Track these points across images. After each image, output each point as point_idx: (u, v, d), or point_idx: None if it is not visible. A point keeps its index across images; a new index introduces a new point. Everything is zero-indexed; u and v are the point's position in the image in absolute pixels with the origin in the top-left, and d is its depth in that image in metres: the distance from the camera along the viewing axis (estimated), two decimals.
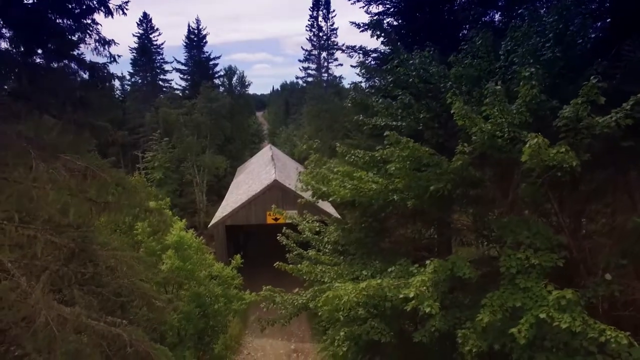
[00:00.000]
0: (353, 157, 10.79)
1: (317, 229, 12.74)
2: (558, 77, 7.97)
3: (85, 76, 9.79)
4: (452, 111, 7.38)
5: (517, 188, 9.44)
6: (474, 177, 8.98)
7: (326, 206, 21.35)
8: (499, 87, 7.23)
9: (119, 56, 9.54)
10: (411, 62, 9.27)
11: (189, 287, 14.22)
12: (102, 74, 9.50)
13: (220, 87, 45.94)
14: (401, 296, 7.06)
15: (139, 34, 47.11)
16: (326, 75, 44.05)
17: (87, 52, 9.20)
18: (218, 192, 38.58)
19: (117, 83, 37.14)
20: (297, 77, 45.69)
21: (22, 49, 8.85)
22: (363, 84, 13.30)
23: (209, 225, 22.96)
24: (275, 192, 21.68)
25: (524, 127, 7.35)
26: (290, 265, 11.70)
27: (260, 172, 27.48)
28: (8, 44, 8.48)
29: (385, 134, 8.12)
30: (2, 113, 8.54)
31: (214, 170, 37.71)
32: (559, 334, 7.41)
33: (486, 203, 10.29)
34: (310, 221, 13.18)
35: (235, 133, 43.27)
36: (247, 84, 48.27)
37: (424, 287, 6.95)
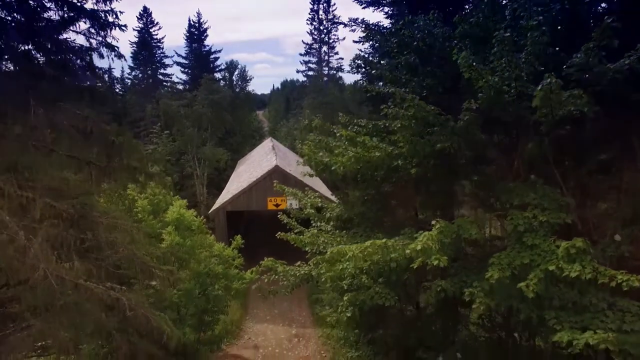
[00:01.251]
0: (356, 127, 10.67)
1: (319, 204, 12.58)
2: (567, 30, 7.84)
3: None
4: (458, 61, 7.23)
5: (522, 155, 9.32)
6: (479, 140, 8.85)
7: (327, 193, 21.24)
8: (508, 34, 7.08)
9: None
10: (415, 24, 9.14)
11: (189, 266, 14.08)
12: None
13: (221, 82, 45.85)
14: (407, 251, 6.91)
15: (139, 28, 47.09)
16: (327, 68, 43.96)
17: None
18: (218, 186, 38.39)
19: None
20: (298, 71, 45.60)
21: None
22: (366, 54, 13.14)
23: (209, 211, 22.83)
24: (276, 178, 21.51)
25: (531, 81, 7.22)
26: (293, 235, 11.55)
27: (261, 160, 27.37)
28: None
29: (389, 92, 7.98)
30: None
31: (214, 162, 37.56)
32: (568, 294, 7.28)
33: (491, 172, 10.16)
34: (312, 197, 13.04)
35: (236, 126, 43.13)
36: (248, 78, 48.26)
37: (431, 241, 6.81)
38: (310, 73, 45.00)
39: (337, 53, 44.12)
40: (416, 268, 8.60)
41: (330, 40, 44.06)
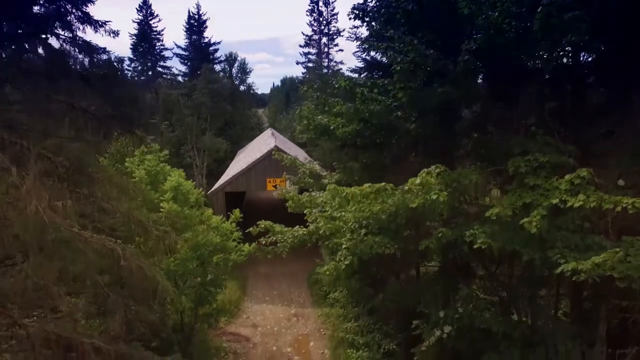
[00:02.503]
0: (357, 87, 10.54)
1: (318, 171, 12.45)
2: None
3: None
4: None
5: (522, 106, 9.21)
6: (479, 92, 8.73)
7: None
8: None
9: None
10: None
11: (187, 236, 13.92)
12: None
13: (221, 74, 45.74)
14: (406, 188, 6.78)
15: (138, 20, 47.07)
16: (327, 60, 43.89)
17: None
18: (218, 177, 38.26)
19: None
20: (297, 62, 45.55)
21: None
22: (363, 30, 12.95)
23: (208, 192, 22.67)
24: (275, 160, 21.38)
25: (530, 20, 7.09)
26: (290, 194, 11.40)
27: (260, 145, 27.27)
28: None
29: (388, 35, 7.86)
30: None
31: (214, 152, 37.45)
32: (570, 237, 7.15)
33: (491, 129, 10.04)
34: (311, 165, 12.89)
35: (235, 118, 43.00)
36: (248, 70, 48.16)
37: (430, 177, 6.68)
38: (310, 65, 44.91)
39: (337, 45, 44.08)
40: (416, 223, 8.49)
41: (330, 32, 44.01)
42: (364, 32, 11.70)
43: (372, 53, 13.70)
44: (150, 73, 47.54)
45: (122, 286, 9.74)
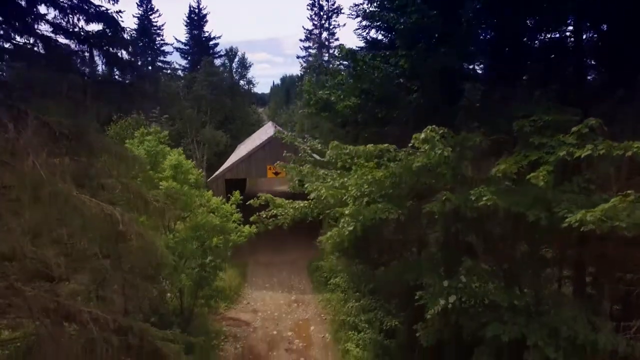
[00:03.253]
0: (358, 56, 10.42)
1: (319, 147, 12.28)
2: None
3: None
4: None
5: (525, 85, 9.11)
6: (481, 52, 8.61)
7: None
8: None
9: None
10: None
11: (187, 217, 13.83)
12: None
13: (221, 68, 45.60)
14: (410, 145, 6.66)
15: (138, 15, 46.99)
16: (327, 54, 43.75)
17: None
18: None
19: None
20: (297, 57, 45.42)
21: None
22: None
23: (208, 180, 22.56)
24: (276, 145, 21.24)
25: None
26: (292, 165, 11.26)
27: (261, 135, 27.16)
28: None
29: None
30: None
31: (214, 146, 37.33)
32: (575, 197, 7.03)
33: (495, 97, 9.91)
34: (312, 142, 12.74)
35: (235, 113, 42.87)
36: (248, 65, 48.01)
37: (434, 133, 6.56)
38: (311, 59, 44.79)
39: (337, 39, 43.96)
40: (419, 192, 8.38)
41: (331, 27, 43.90)
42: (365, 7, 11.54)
43: (373, 33, 13.60)
44: (150, 68, 47.38)
45: (120, 258, 9.62)
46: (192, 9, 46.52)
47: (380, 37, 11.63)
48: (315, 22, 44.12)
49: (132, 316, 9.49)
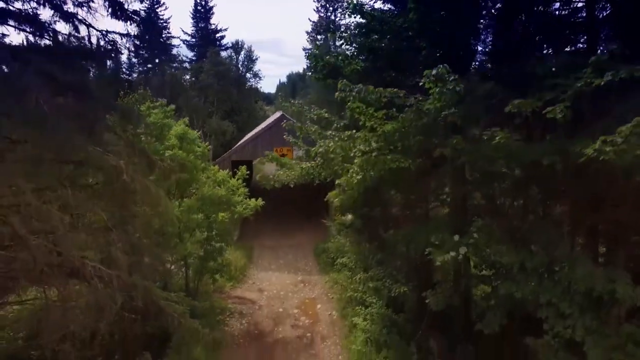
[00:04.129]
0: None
1: (326, 117, 12.05)
2: None
3: None
4: None
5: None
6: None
7: None
8: None
9: None
10: None
11: (193, 191, 13.72)
12: None
13: (227, 60, 45.58)
14: (421, 84, 6.46)
15: (145, 9, 47.07)
16: (334, 46, 43.52)
17: None
18: None
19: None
20: (304, 49, 45.22)
21: None
22: None
23: (214, 162, 22.42)
24: (282, 128, 21.10)
25: None
26: (298, 124, 11.05)
27: (268, 120, 27.01)
28: None
29: None
30: None
31: (220, 136, 37.29)
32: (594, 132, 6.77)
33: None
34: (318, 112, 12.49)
35: (242, 105, 42.86)
36: (254, 58, 47.99)
37: (444, 71, 6.36)
38: (317, 52, 44.61)
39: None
40: (429, 144, 8.20)
41: (337, 18, 43.70)
42: None
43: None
44: (157, 61, 47.48)
45: (126, 215, 9.49)
46: (198, 1, 46.64)
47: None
48: (322, 15, 43.96)
49: (136, 276, 9.32)
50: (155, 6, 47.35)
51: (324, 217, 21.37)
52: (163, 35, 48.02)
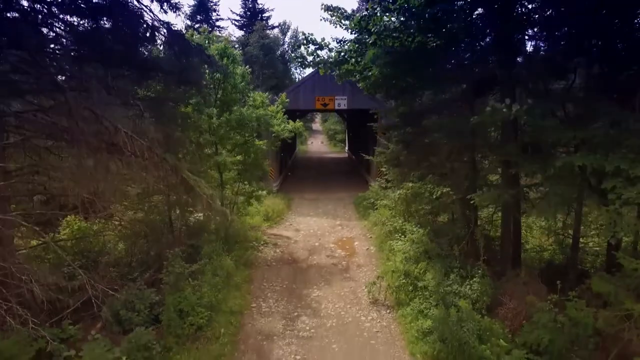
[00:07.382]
0: None
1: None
2: None
3: None
4: None
5: None
6: None
7: None
8: None
9: None
10: None
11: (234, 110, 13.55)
12: None
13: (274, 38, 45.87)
14: None
15: None
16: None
17: None
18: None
19: None
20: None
21: None
22: None
23: None
24: (325, 77, 20.68)
25: None
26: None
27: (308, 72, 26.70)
28: None
29: None
30: None
31: None
32: None
33: None
34: None
35: (287, 81, 42.91)
36: (302, 39, 47.85)
37: None
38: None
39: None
40: None
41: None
42: None
43: None
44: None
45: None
46: None
47: None
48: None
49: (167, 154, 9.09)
50: None
51: (365, 177, 20.73)
52: (212, 17, 49.21)
